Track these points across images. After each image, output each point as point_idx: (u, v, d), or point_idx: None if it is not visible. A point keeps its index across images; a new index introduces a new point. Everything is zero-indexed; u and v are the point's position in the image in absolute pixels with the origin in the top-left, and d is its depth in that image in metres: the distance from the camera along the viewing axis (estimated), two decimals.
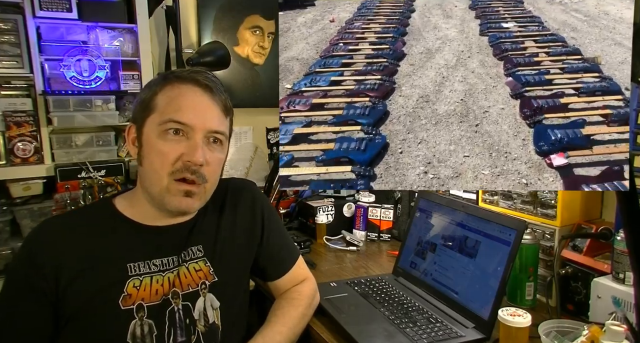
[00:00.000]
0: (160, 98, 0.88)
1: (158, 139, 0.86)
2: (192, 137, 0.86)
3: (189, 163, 0.85)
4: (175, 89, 0.88)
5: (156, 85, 0.90)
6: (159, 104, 0.87)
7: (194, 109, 0.87)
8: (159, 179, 0.86)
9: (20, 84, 1.64)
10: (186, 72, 0.91)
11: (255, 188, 1.13)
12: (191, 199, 0.89)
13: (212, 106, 0.89)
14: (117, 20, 1.72)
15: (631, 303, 1.01)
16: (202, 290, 0.94)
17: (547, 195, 1.26)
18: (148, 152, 0.87)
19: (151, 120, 0.87)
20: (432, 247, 1.33)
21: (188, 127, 0.86)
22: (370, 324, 1.12)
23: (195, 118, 0.86)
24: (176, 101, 0.87)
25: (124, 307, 0.86)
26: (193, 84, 0.88)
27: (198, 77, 0.89)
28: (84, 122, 1.68)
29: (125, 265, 0.88)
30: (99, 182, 1.69)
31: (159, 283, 0.90)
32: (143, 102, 0.90)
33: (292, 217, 1.99)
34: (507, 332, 1.01)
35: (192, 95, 0.88)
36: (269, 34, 2.24)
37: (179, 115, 0.85)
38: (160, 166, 0.86)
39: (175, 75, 0.90)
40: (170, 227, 0.94)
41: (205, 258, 0.97)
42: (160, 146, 0.86)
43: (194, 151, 0.85)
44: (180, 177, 0.86)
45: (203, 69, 0.97)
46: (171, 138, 0.86)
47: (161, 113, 0.87)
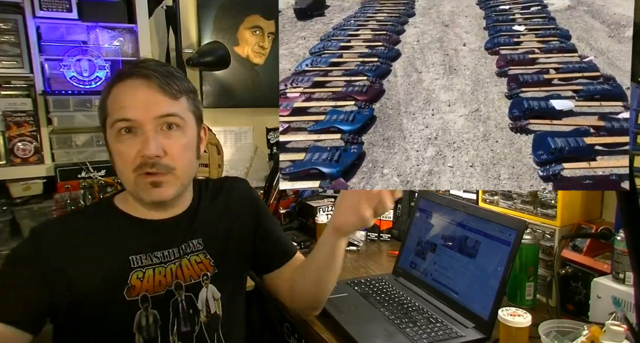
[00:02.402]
0: (109, 101, 0.89)
1: (115, 141, 0.88)
2: (142, 131, 0.86)
3: (144, 157, 0.86)
4: (117, 88, 0.88)
5: (106, 88, 0.91)
6: (108, 106, 0.89)
7: (134, 102, 0.86)
8: (127, 178, 0.88)
9: (20, 84, 1.64)
10: (127, 68, 0.91)
11: (248, 185, 1.17)
12: (162, 188, 0.88)
13: (153, 93, 0.87)
14: (117, 20, 1.72)
15: (631, 303, 1.01)
16: (204, 281, 0.97)
17: (547, 195, 1.26)
18: (113, 155, 0.90)
19: (107, 124, 0.89)
20: (432, 247, 1.33)
21: (134, 121, 0.86)
22: (370, 324, 1.12)
23: (137, 111, 0.86)
24: (118, 100, 0.87)
25: (128, 298, 0.88)
26: (131, 78, 0.88)
27: (134, 70, 0.88)
28: (84, 122, 1.68)
29: (128, 257, 0.90)
30: (99, 182, 1.69)
31: (162, 275, 0.92)
32: (99, 108, 0.92)
33: (292, 217, 1.99)
34: (507, 332, 1.01)
35: (130, 89, 0.87)
36: (269, 34, 2.24)
37: (123, 113, 0.86)
38: (123, 166, 0.88)
39: (118, 74, 0.91)
40: (169, 220, 0.96)
41: (205, 251, 0.99)
42: (119, 147, 0.87)
43: (146, 145, 0.85)
44: (143, 172, 0.87)
45: (146, 59, 0.96)
46: (125, 138, 0.87)
47: (110, 115, 0.88)
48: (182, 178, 0.92)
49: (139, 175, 0.87)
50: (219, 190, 1.09)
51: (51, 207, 1.65)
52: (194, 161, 0.96)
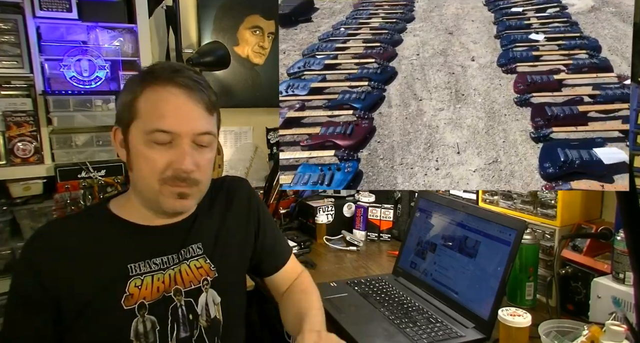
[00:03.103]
0: (141, 102, 0.85)
1: (145, 146, 0.85)
2: (179, 143, 0.85)
3: (179, 170, 0.84)
4: (155, 92, 0.85)
5: (136, 86, 0.87)
6: (140, 109, 0.85)
7: (176, 114, 0.84)
8: (149, 185, 0.86)
9: (20, 84, 1.64)
10: (164, 72, 0.87)
11: (249, 185, 1.14)
12: (186, 200, 0.88)
13: (195, 107, 0.86)
14: (117, 20, 1.72)
15: (631, 303, 1.01)
16: (204, 285, 0.96)
17: (547, 195, 1.26)
18: (136, 159, 0.86)
19: (135, 126, 0.86)
20: (432, 247, 1.33)
21: (174, 134, 0.84)
22: (370, 324, 1.12)
23: (179, 124, 0.84)
24: (158, 107, 0.84)
25: (126, 307, 0.86)
26: (172, 86, 0.85)
27: (177, 78, 0.86)
28: (84, 122, 1.68)
29: (126, 265, 0.88)
30: (99, 182, 1.69)
31: (160, 281, 0.90)
32: (125, 105, 0.87)
33: (292, 217, 1.99)
34: (507, 332, 1.01)
35: (173, 99, 0.85)
36: (269, 34, 2.24)
37: (163, 123, 0.83)
38: (149, 173, 0.85)
39: (154, 76, 0.87)
40: (168, 226, 0.95)
41: (204, 256, 0.97)
42: (148, 154, 0.84)
43: (182, 159, 0.84)
44: (173, 183, 0.86)
45: (182, 65, 0.92)
46: (158, 146, 0.84)
47: (145, 121, 0.85)
48: (203, 191, 0.93)
49: (165, 184, 0.85)
50: (219, 190, 1.07)
51: (51, 207, 1.64)
52: (211, 177, 0.96)
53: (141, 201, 0.91)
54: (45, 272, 0.84)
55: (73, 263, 0.85)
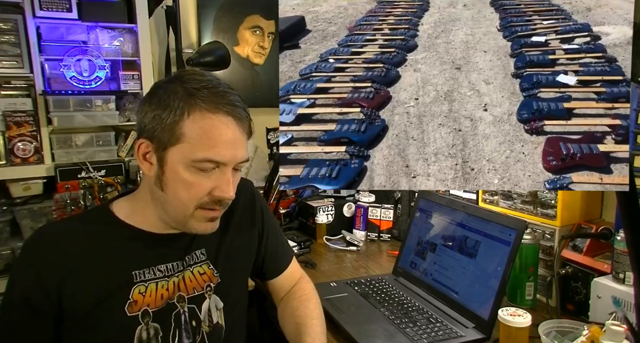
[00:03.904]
0: (188, 127, 0.81)
1: (186, 171, 0.82)
2: (223, 171, 0.84)
3: (220, 197, 0.84)
4: (204, 119, 0.81)
5: (181, 107, 0.81)
6: (187, 134, 0.81)
7: (226, 144, 0.83)
8: (184, 208, 0.85)
9: (20, 84, 1.64)
10: (215, 97, 0.83)
11: (253, 187, 1.13)
12: (214, 223, 0.89)
13: (242, 137, 0.86)
14: (117, 20, 1.72)
15: (631, 303, 1.01)
16: (208, 292, 0.95)
17: (547, 195, 1.26)
18: (173, 181, 0.84)
19: (179, 149, 0.82)
20: (432, 247, 1.33)
21: (221, 163, 0.84)
22: (370, 324, 1.12)
23: (227, 154, 0.83)
24: (209, 136, 0.81)
25: (130, 314, 0.85)
26: (223, 115, 0.82)
27: (226, 105, 0.83)
28: (84, 122, 1.69)
29: (131, 272, 0.88)
30: (99, 182, 1.69)
31: (164, 288, 0.90)
32: (165, 124, 0.81)
33: (292, 217, 1.99)
34: (507, 332, 1.01)
35: (224, 129, 0.82)
36: (269, 34, 2.24)
37: (215, 154, 0.82)
38: (187, 198, 0.84)
39: (203, 99, 0.82)
40: (173, 233, 0.93)
41: (208, 261, 0.97)
42: (190, 179, 0.83)
43: (227, 187, 0.84)
44: (208, 207, 0.86)
45: (227, 87, 0.88)
46: (202, 173, 0.83)
47: (193, 147, 0.81)
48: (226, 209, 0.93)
49: (200, 209, 0.85)
50: None
51: (51, 207, 1.65)
52: None
53: (160, 213, 0.89)
54: (47, 277, 0.82)
55: (76, 268, 0.84)
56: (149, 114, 0.83)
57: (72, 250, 0.86)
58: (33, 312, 0.83)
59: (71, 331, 0.84)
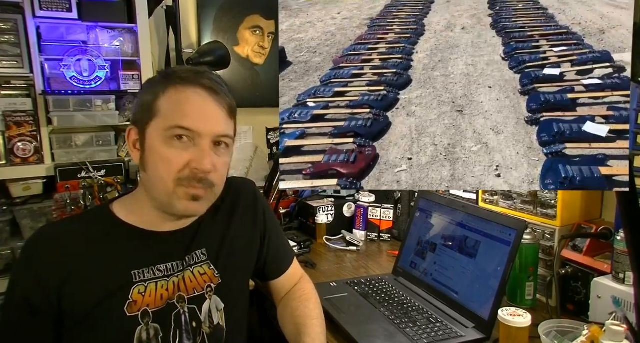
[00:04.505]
0: (163, 102, 0.85)
1: (163, 145, 0.83)
2: (199, 143, 0.84)
3: (197, 171, 0.83)
4: (179, 92, 0.85)
5: (158, 86, 0.86)
6: (162, 108, 0.84)
7: (200, 114, 0.84)
8: (164, 185, 0.84)
9: (20, 84, 1.64)
10: (189, 73, 0.87)
11: (255, 187, 1.13)
12: (198, 203, 0.87)
13: (218, 109, 0.86)
14: (117, 20, 1.72)
15: (631, 303, 1.01)
16: (208, 292, 0.94)
17: (547, 195, 1.26)
18: (152, 158, 0.85)
19: (155, 125, 0.85)
20: (432, 247, 1.33)
21: (194, 133, 0.83)
22: (370, 324, 1.12)
23: (201, 123, 0.84)
24: (181, 106, 0.84)
25: (129, 314, 0.85)
26: (198, 87, 0.85)
27: (202, 79, 0.86)
28: (84, 122, 1.69)
29: (130, 272, 0.87)
30: (99, 182, 1.69)
31: (164, 288, 0.89)
32: (144, 104, 0.86)
33: (292, 217, 1.99)
34: (507, 332, 1.01)
35: (197, 99, 0.85)
36: (269, 34, 2.24)
37: (186, 121, 0.83)
38: (165, 173, 0.84)
39: (178, 76, 0.86)
40: (173, 232, 0.93)
41: (209, 262, 0.96)
42: (166, 152, 0.83)
43: (202, 158, 0.83)
44: (188, 184, 0.85)
45: (205, 69, 0.92)
46: (176, 144, 0.83)
47: (166, 118, 0.84)
48: (216, 195, 0.91)
49: (180, 185, 0.84)
50: (225, 194, 1.03)
51: (51, 207, 1.65)
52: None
53: (152, 203, 0.89)
54: (47, 277, 0.82)
55: (76, 268, 0.84)
56: (134, 103, 0.89)
57: (72, 250, 0.85)
58: (33, 312, 0.83)
59: (71, 331, 0.84)
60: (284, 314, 1.06)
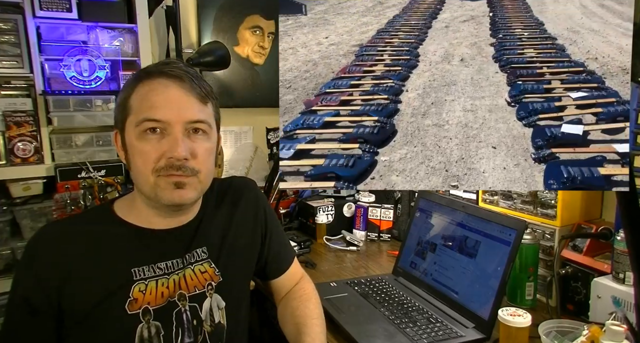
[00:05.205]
0: (133, 98, 0.86)
1: (138, 140, 0.84)
2: (170, 132, 0.84)
3: (172, 159, 0.83)
4: (145, 86, 0.85)
5: (130, 85, 0.87)
6: (133, 104, 0.86)
7: (166, 103, 0.84)
8: (145, 178, 0.85)
9: (20, 84, 1.64)
10: (155, 66, 0.88)
11: (256, 187, 1.13)
12: (184, 190, 0.86)
13: (185, 96, 0.86)
14: (117, 20, 1.72)
15: (631, 303, 1.01)
16: (209, 290, 0.95)
17: (547, 195, 1.26)
18: (132, 155, 0.86)
19: (129, 122, 0.86)
20: (432, 247, 1.33)
21: (164, 123, 0.83)
22: (370, 324, 1.12)
23: (169, 112, 0.83)
24: (147, 98, 0.84)
25: (130, 312, 0.85)
26: (161, 77, 0.85)
27: (165, 69, 0.86)
28: (84, 122, 1.68)
29: (130, 270, 0.87)
30: (99, 182, 1.69)
31: (165, 286, 0.89)
32: (120, 105, 0.88)
33: (292, 217, 1.99)
34: (507, 332, 1.01)
35: (162, 89, 0.85)
36: (269, 34, 2.24)
37: (152, 113, 0.83)
38: (143, 167, 0.84)
39: (145, 71, 0.88)
40: (173, 230, 0.93)
41: (209, 260, 0.96)
42: (141, 147, 0.84)
43: (174, 147, 0.83)
44: (167, 173, 0.84)
45: (173, 60, 0.94)
46: (150, 137, 0.84)
47: (136, 114, 0.85)
48: (204, 182, 0.90)
49: (161, 176, 0.84)
50: (226, 193, 1.05)
51: (51, 207, 1.64)
52: (214, 167, 0.94)
53: (143, 199, 0.90)
54: (47, 277, 0.83)
55: (76, 268, 0.84)
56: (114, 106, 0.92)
57: (72, 250, 0.86)
58: (33, 312, 0.83)
59: (72, 331, 0.84)
60: (284, 314, 1.06)
